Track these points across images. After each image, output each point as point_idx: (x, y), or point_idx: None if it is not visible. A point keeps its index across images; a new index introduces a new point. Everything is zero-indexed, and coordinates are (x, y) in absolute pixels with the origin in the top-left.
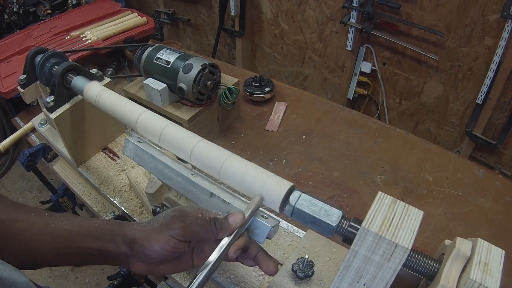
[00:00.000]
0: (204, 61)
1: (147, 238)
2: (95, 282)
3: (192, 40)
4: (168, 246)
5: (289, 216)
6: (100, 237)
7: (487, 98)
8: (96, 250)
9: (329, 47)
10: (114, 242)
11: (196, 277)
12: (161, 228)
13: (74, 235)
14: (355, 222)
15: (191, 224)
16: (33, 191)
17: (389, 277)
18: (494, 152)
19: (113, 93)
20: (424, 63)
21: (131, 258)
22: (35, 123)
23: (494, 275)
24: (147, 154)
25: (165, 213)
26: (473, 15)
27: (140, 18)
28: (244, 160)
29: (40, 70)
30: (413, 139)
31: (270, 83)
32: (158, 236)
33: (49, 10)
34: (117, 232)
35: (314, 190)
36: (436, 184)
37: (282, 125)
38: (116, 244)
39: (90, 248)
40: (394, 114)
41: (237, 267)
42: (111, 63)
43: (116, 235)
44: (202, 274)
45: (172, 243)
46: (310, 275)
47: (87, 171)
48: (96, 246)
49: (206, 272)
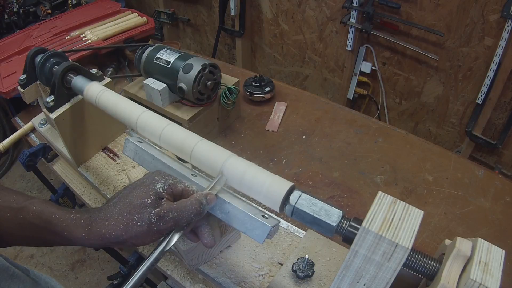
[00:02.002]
0: (204, 61)
1: (138, 238)
2: (95, 282)
3: (192, 40)
4: (147, 241)
5: (289, 216)
6: (66, 229)
7: (487, 98)
8: (59, 238)
9: (329, 47)
10: (77, 226)
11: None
12: (150, 231)
13: (42, 229)
14: (355, 222)
15: (177, 220)
16: (33, 191)
17: (389, 277)
18: (494, 152)
19: (113, 93)
20: (424, 63)
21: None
22: (35, 123)
23: (494, 275)
24: (147, 154)
25: (146, 216)
26: (473, 15)
27: (140, 18)
28: (244, 160)
29: (40, 70)
30: (413, 139)
31: (270, 83)
32: (148, 236)
33: (49, 10)
34: (84, 225)
35: (314, 190)
36: (436, 184)
37: (282, 125)
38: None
39: (59, 238)
40: (394, 114)
41: (237, 267)
42: (111, 63)
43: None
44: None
45: (157, 237)
46: (310, 275)
47: (87, 171)
48: (62, 235)
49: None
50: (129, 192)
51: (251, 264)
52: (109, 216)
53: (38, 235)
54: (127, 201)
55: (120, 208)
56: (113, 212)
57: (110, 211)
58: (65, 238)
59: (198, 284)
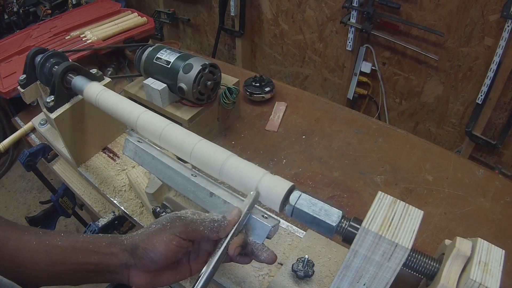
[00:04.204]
0: (204, 61)
1: (149, 240)
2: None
3: (192, 40)
4: (172, 245)
5: (289, 216)
6: (96, 250)
7: (487, 98)
8: (93, 265)
9: (329, 47)
10: (113, 254)
11: (200, 277)
12: (163, 229)
13: (69, 250)
14: (355, 222)
15: (192, 223)
16: (33, 191)
17: (389, 277)
18: (494, 152)
19: (113, 93)
20: (424, 63)
21: (133, 269)
22: (35, 123)
23: (494, 275)
24: (147, 154)
25: (163, 218)
26: (473, 15)
27: (140, 18)
28: (244, 160)
29: (40, 70)
30: (413, 139)
31: (270, 83)
32: (161, 236)
33: (49, 10)
34: (115, 243)
35: (314, 190)
36: (436, 184)
37: (282, 125)
38: (115, 255)
39: (86, 263)
40: (394, 114)
41: (237, 267)
42: (111, 63)
43: (114, 246)
44: (205, 273)
45: (176, 242)
46: (310, 275)
47: (87, 171)
48: (92, 260)
49: (209, 271)
50: None
51: (251, 264)
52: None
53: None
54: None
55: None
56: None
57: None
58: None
59: None
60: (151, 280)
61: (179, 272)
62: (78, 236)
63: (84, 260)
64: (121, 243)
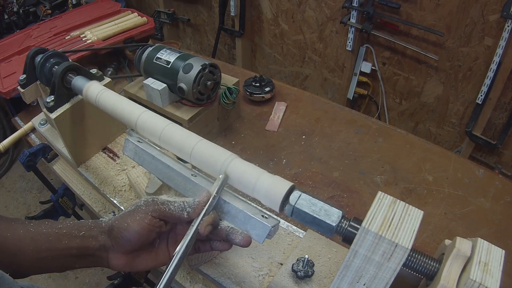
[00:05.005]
0: (204, 61)
1: (124, 220)
2: (95, 282)
3: (192, 40)
4: (145, 224)
5: (289, 216)
6: (78, 234)
7: (487, 98)
8: (75, 249)
9: (329, 47)
10: (92, 237)
11: (174, 256)
12: (136, 209)
13: (53, 237)
14: (355, 222)
15: (165, 204)
16: (33, 191)
17: (389, 277)
18: (494, 152)
19: (113, 93)
20: (424, 63)
21: (111, 251)
22: (35, 123)
23: (494, 275)
24: (147, 154)
25: (139, 201)
26: (473, 15)
27: (140, 18)
28: (244, 161)
29: (40, 70)
30: (413, 139)
31: (270, 83)
32: (134, 215)
33: (49, 10)
34: (94, 226)
35: (314, 190)
36: (436, 184)
37: (282, 125)
38: (94, 238)
39: (69, 248)
40: (394, 114)
41: (237, 267)
42: (111, 63)
43: (94, 229)
44: (179, 253)
45: (148, 220)
46: (310, 275)
47: (87, 171)
48: (74, 244)
49: (182, 250)
50: None
51: (251, 264)
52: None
53: None
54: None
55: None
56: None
57: None
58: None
59: (198, 284)
60: (129, 261)
61: (158, 257)
62: (62, 223)
63: (68, 245)
64: (99, 225)
